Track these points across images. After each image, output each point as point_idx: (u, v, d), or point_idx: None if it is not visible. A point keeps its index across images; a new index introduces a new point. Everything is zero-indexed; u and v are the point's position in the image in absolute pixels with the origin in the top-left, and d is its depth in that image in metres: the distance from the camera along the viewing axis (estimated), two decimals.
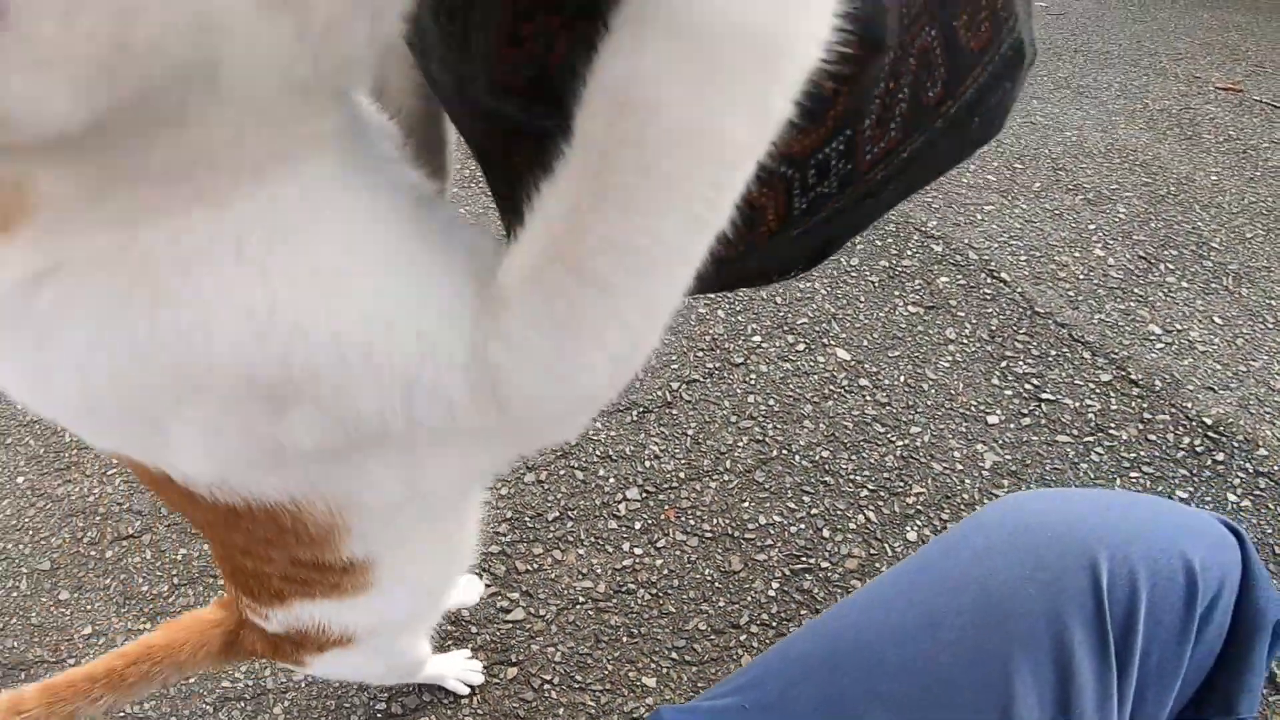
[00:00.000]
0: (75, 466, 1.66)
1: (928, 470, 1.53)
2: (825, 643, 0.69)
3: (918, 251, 2.00)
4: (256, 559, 0.65)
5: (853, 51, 0.34)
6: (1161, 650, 0.64)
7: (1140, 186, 2.18)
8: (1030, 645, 0.62)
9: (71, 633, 1.39)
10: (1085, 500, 0.72)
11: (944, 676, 0.63)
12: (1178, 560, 0.65)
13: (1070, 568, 0.64)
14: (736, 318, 1.86)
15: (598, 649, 1.32)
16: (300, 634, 0.78)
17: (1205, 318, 1.81)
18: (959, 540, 0.72)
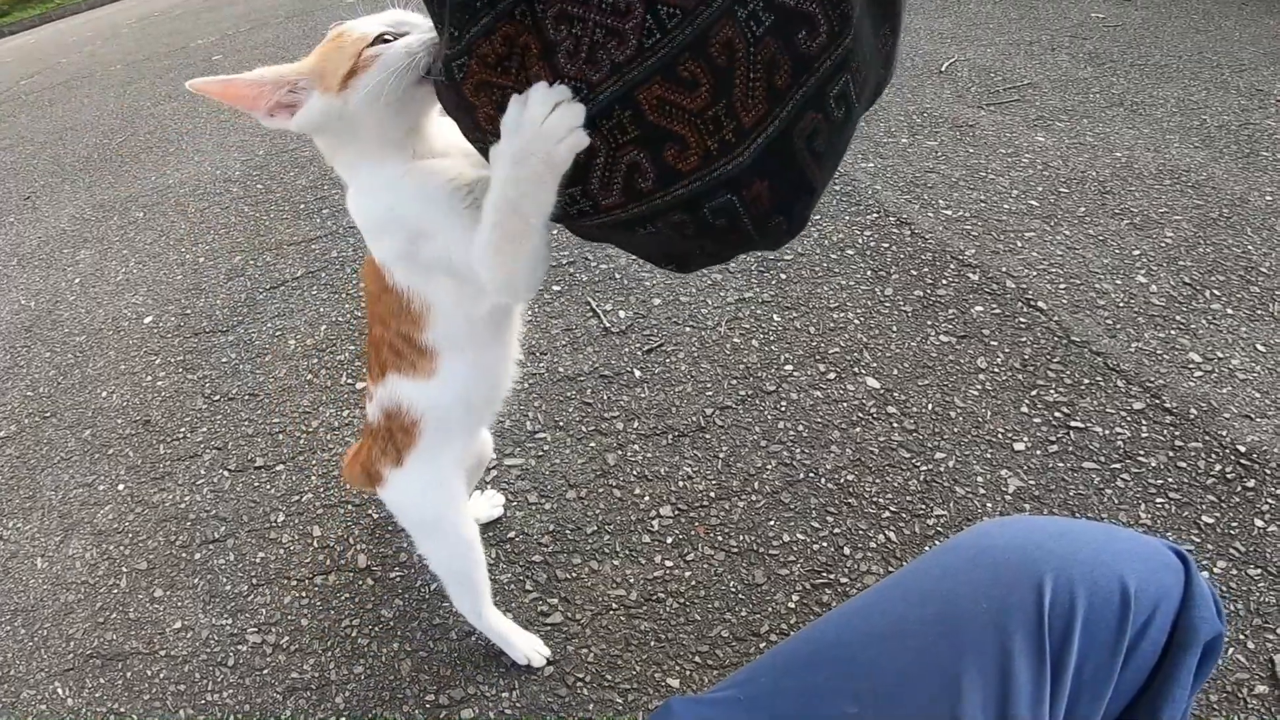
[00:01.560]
0: (169, 476, 1.79)
1: (950, 494, 1.54)
2: (811, 645, 0.78)
3: (954, 280, 1.99)
4: (384, 325, 1.01)
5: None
6: (1095, 661, 0.71)
7: (1191, 209, 2.11)
8: (978, 651, 0.69)
9: (164, 627, 1.50)
10: (1045, 527, 0.79)
11: (905, 676, 0.71)
12: (1115, 583, 0.71)
13: (1019, 586, 0.71)
14: (770, 347, 1.89)
15: (628, 651, 1.37)
16: (388, 417, 1.10)
17: (1248, 345, 1.74)
18: (931, 560, 0.80)
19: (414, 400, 1.06)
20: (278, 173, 2.81)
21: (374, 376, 1.10)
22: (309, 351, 2.05)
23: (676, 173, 0.67)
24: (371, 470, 1.17)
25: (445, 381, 1.03)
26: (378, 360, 1.07)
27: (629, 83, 0.64)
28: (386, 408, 1.09)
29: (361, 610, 1.48)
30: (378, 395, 1.09)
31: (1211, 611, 0.74)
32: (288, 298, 2.24)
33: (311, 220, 2.53)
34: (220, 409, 1.94)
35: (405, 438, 1.10)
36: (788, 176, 0.69)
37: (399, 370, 1.04)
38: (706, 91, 0.64)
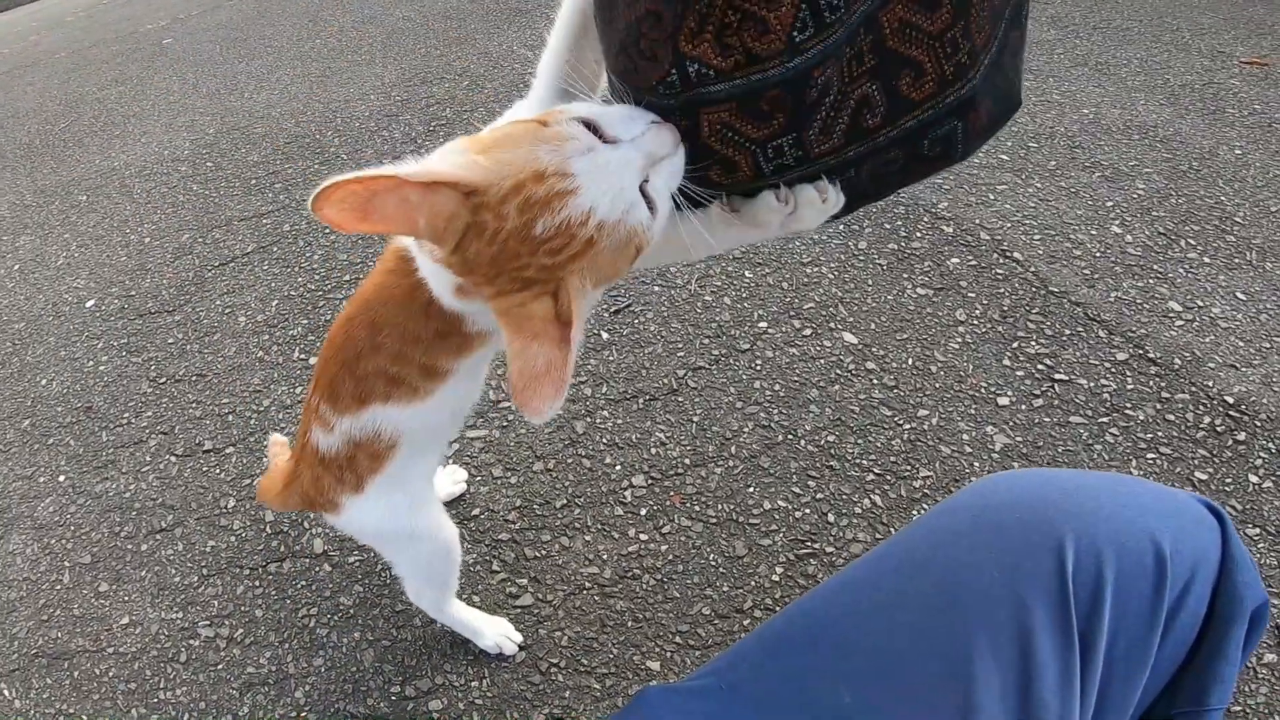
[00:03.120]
0: (113, 464, 1.65)
1: (935, 454, 1.42)
2: (796, 624, 0.66)
3: (928, 233, 1.89)
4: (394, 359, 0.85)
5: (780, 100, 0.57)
6: (1128, 637, 0.59)
7: (1160, 162, 2.03)
8: (991, 627, 0.58)
9: (111, 623, 1.38)
10: (1054, 480, 0.66)
11: (904, 657, 0.59)
12: (1146, 543, 0.59)
13: (1034, 550, 0.59)
14: (743, 304, 1.77)
15: (603, 634, 1.25)
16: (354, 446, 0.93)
17: (1228, 293, 1.67)
18: (927, 525, 0.68)
19: (399, 424, 0.93)
20: (228, 150, 2.63)
21: (340, 407, 0.93)
22: (259, 328, 1.90)
23: (909, 103, 0.61)
24: (319, 499, 1.02)
25: (443, 399, 0.92)
26: (355, 392, 0.91)
27: (876, 2, 0.57)
28: (356, 438, 0.94)
29: (319, 599, 1.35)
30: (342, 427, 0.93)
31: (1255, 574, 0.62)
32: (238, 274, 2.08)
33: (263, 195, 2.36)
34: (166, 392, 1.78)
35: (372, 464, 0.96)
36: (1002, 95, 0.66)
37: (389, 399, 0.90)
38: (947, 12, 0.59)
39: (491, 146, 0.61)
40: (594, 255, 0.61)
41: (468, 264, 0.63)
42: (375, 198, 0.58)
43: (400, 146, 2.46)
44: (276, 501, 1.09)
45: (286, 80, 3.06)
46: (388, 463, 0.96)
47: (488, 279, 0.63)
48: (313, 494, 1.02)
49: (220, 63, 3.36)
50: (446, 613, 1.21)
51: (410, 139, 2.50)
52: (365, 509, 1.00)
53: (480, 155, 0.61)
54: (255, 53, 3.41)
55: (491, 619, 1.26)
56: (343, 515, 1.02)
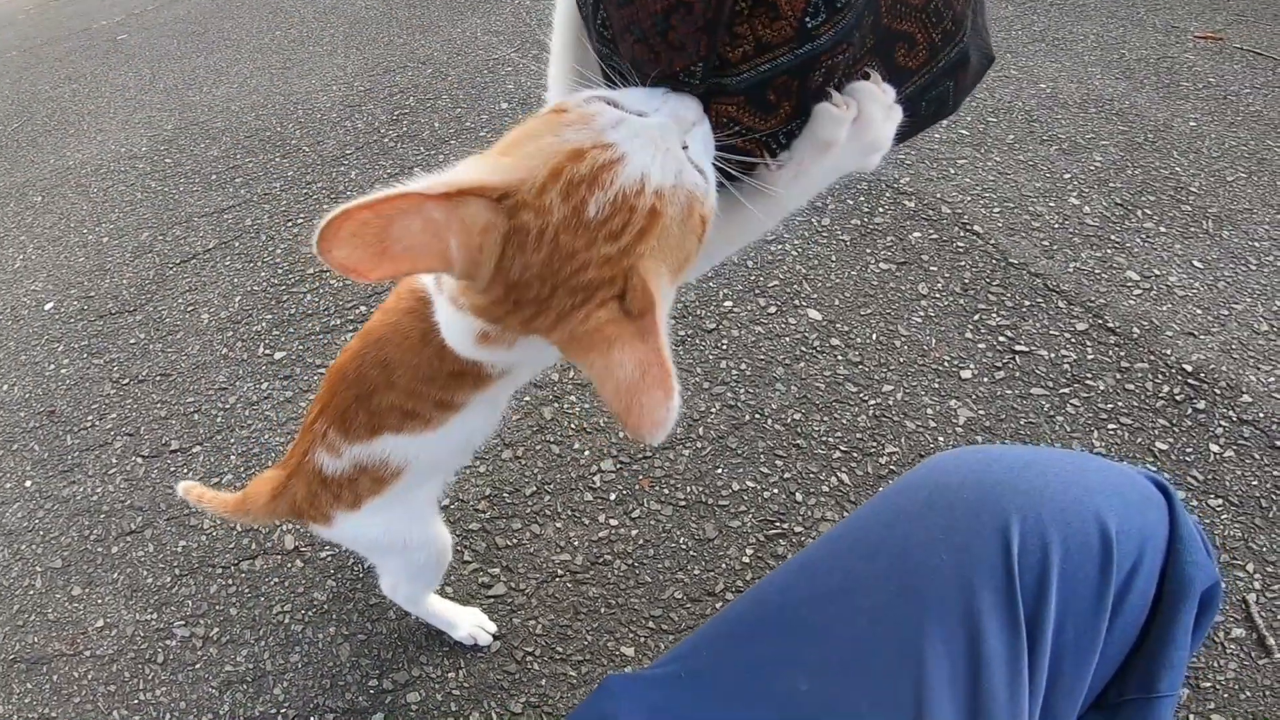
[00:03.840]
0: (79, 468, 1.61)
1: (901, 429, 1.42)
2: (755, 609, 0.65)
3: (890, 208, 1.88)
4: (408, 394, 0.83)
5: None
6: (1076, 622, 0.58)
7: (1117, 135, 2.03)
8: (942, 613, 0.56)
9: (86, 626, 1.35)
10: (1003, 458, 0.64)
11: (860, 643, 0.58)
12: (1092, 524, 0.58)
13: (981, 532, 0.58)
14: (708, 283, 1.75)
15: (577, 620, 1.24)
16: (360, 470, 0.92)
17: (1184, 262, 1.67)
18: (881, 504, 0.66)
19: (409, 452, 0.91)
20: (186, 146, 2.56)
21: (352, 435, 0.90)
22: (223, 324, 1.85)
23: (907, 72, 0.63)
24: (310, 512, 1.01)
25: (455, 429, 0.88)
26: (369, 423, 0.89)
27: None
28: (364, 464, 0.92)
29: (293, 595, 1.33)
30: (351, 453, 0.92)
31: (1204, 554, 0.61)
32: (199, 271, 2.03)
33: (224, 190, 2.30)
34: (130, 393, 1.74)
35: (374, 486, 0.95)
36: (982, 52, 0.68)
37: (401, 431, 0.88)
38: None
39: (512, 146, 0.55)
40: (662, 231, 0.53)
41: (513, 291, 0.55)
42: (393, 224, 0.49)
43: (364, 137, 2.41)
44: (262, 511, 1.06)
45: (246, 73, 2.98)
46: (390, 486, 0.94)
47: (540, 305, 0.54)
48: (304, 507, 1.00)
49: (177, 57, 3.28)
50: (422, 607, 1.20)
51: (374, 129, 2.45)
52: (359, 523, 0.99)
53: (503, 157, 0.54)
54: (214, 46, 3.33)
55: (465, 610, 1.24)
56: (334, 528, 1.01)
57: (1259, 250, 1.69)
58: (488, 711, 1.16)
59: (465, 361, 0.76)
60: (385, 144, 2.37)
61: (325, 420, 0.93)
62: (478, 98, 2.50)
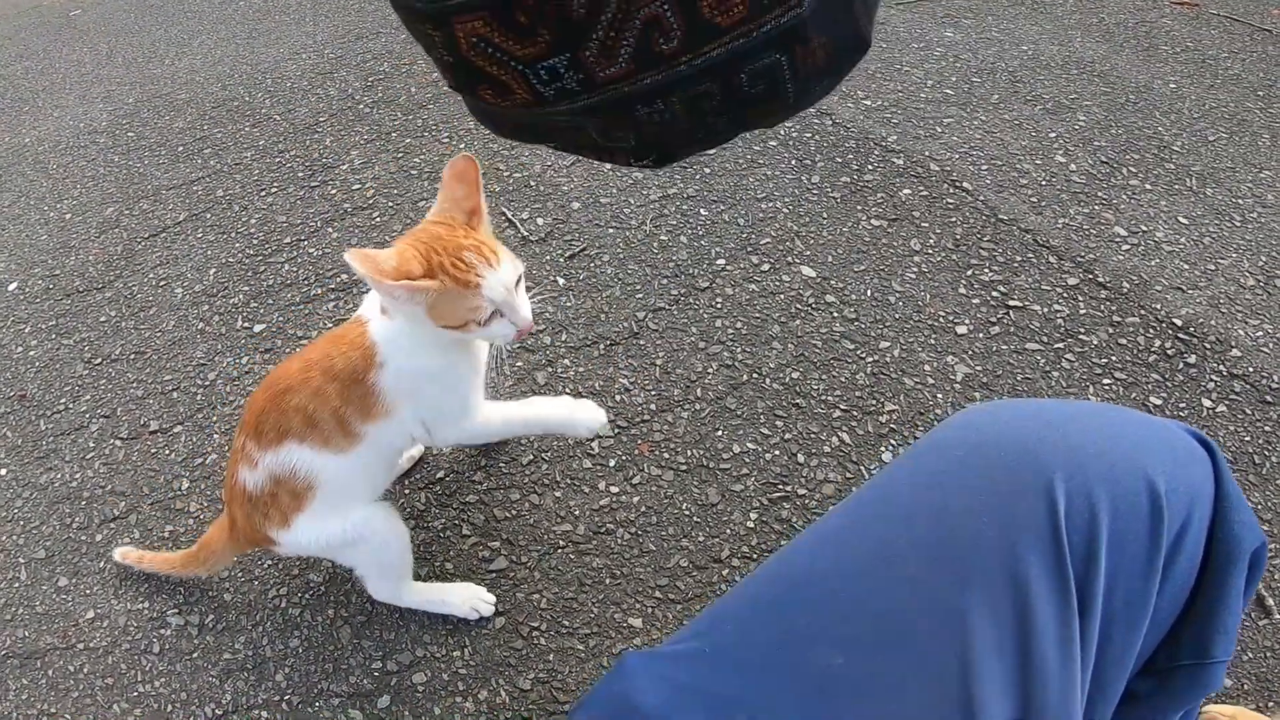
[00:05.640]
0: (55, 454, 1.54)
1: (899, 386, 1.40)
2: (781, 581, 0.61)
3: (879, 166, 1.86)
4: (318, 399, 1.01)
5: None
6: (1126, 587, 0.55)
7: (1099, 95, 2.04)
8: (986, 582, 0.53)
9: (76, 618, 1.29)
10: (1043, 414, 0.61)
11: (898, 615, 0.55)
12: (1140, 482, 0.55)
13: (1024, 493, 0.55)
14: (700, 242, 1.72)
15: (582, 593, 1.21)
16: (279, 481, 1.04)
17: (1170, 218, 1.68)
18: (912, 464, 0.62)
19: (314, 468, 1.04)
20: (150, 118, 2.46)
21: (261, 440, 1.04)
22: (198, 298, 1.79)
23: (714, 28, 0.49)
24: (257, 537, 1.11)
25: (355, 459, 1.05)
26: (276, 425, 1.03)
27: None
28: (276, 474, 1.04)
29: (288, 577, 1.29)
30: (264, 462, 1.04)
31: (1250, 513, 0.58)
32: (170, 244, 1.95)
33: (192, 162, 2.22)
34: (103, 373, 1.67)
35: (294, 502, 1.05)
36: (846, 33, 0.54)
37: (303, 440, 1.02)
38: None
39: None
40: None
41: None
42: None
43: (337, 104, 2.33)
44: (230, 549, 1.17)
45: (210, 44, 2.88)
46: (310, 503, 1.05)
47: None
48: (251, 535, 1.10)
49: (136, 31, 3.15)
50: (407, 598, 1.19)
51: (348, 95, 2.38)
52: (299, 539, 1.08)
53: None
54: (173, 19, 3.20)
55: (457, 586, 1.22)
56: (283, 547, 1.10)
57: (1242, 207, 1.70)
58: (496, 689, 1.13)
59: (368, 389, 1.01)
60: (360, 110, 2.30)
61: (243, 433, 1.05)
62: None
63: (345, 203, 1.97)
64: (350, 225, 1.91)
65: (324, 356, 1.02)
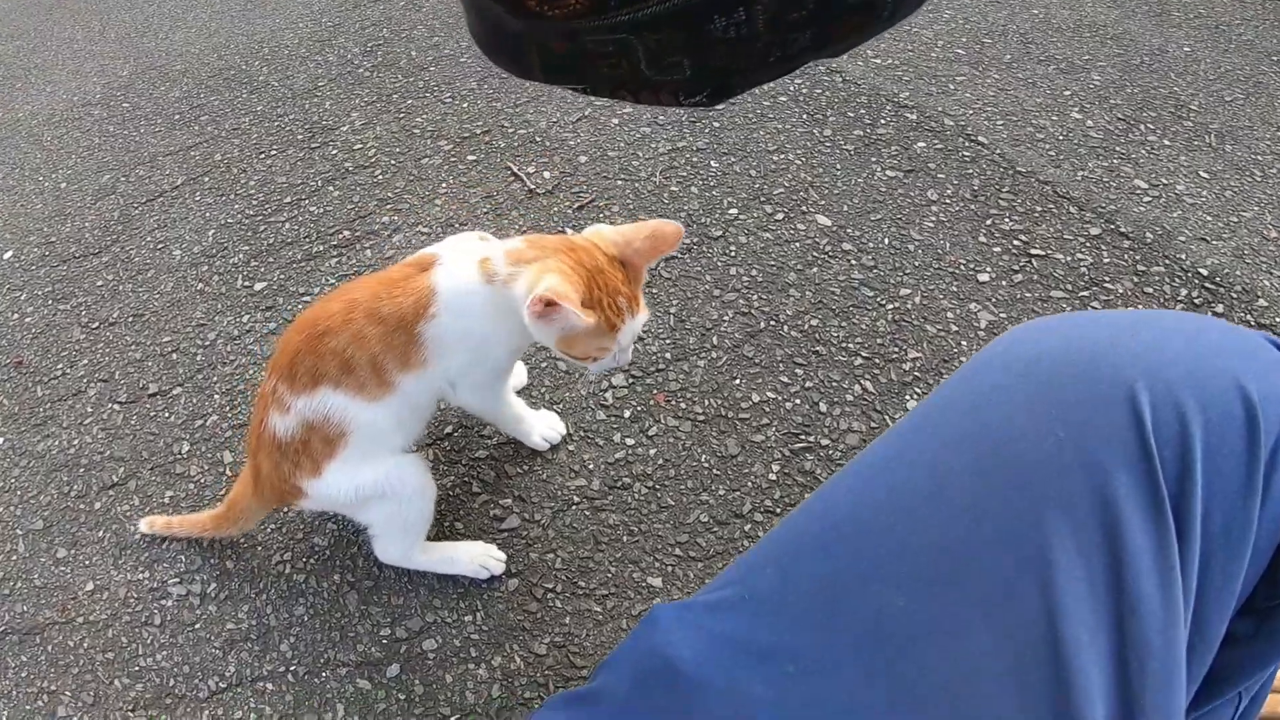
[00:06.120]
0: (52, 420, 1.49)
1: (922, 333, 1.36)
2: (822, 519, 0.54)
3: (892, 120, 1.82)
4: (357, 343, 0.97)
5: None
6: (1224, 508, 0.47)
7: (1113, 57, 1.99)
8: (1067, 504, 0.46)
9: (75, 590, 1.24)
10: (1103, 318, 0.54)
11: (964, 548, 0.47)
12: (1232, 390, 0.48)
13: (1102, 404, 0.47)
14: (711, 193, 1.68)
15: (598, 551, 1.16)
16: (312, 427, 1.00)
17: (1190, 172, 1.64)
18: (962, 384, 0.55)
19: (347, 414, 1.00)
20: (145, 89, 2.41)
21: (295, 384, 1.00)
22: (197, 259, 1.74)
23: None
24: (285, 488, 1.06)
25: (387, 409, 1.01)
26: (311, 369, 0.98)
27: None
28: (309, 419, 1.00)
29: (291, 542, 1.23)
30: (296, 406, 1.00)
31: None
32: (168, 208, 1.91)
33: (189, 129, 2.17)
34: (101, 336, 1.62)
35: (326, 448, 1.01)
36: None
37: (339, 385, 0.99)
38: None
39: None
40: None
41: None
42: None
43: (336, 69, 2.28)
44: (257, 505, 1.13)
45: (205, 17, 2.82)
46: (342, 450, 1.01)
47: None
48: (276, 484, 1.05)
49: (127, 7, 3.09)
50: (416, 560, 1.14)
51: (347, 61, 2.32)
52: (328, 489, 1.03)
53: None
54: None
55: (465, 544, 1.17)
56: (310, 499, 1.06)
57: (1263, 163, 1.67)
58: (510, 655, 1.08)
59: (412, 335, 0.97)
60: (360, 74, 2.25)
61: (275, 376, 1.01)
62: (455, 25, 2.38)
63: (347, 161, 1.93)
64: (352, 183, 1.86)
65: (371, 298, 0.97)
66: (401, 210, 1.77)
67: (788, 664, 0.48)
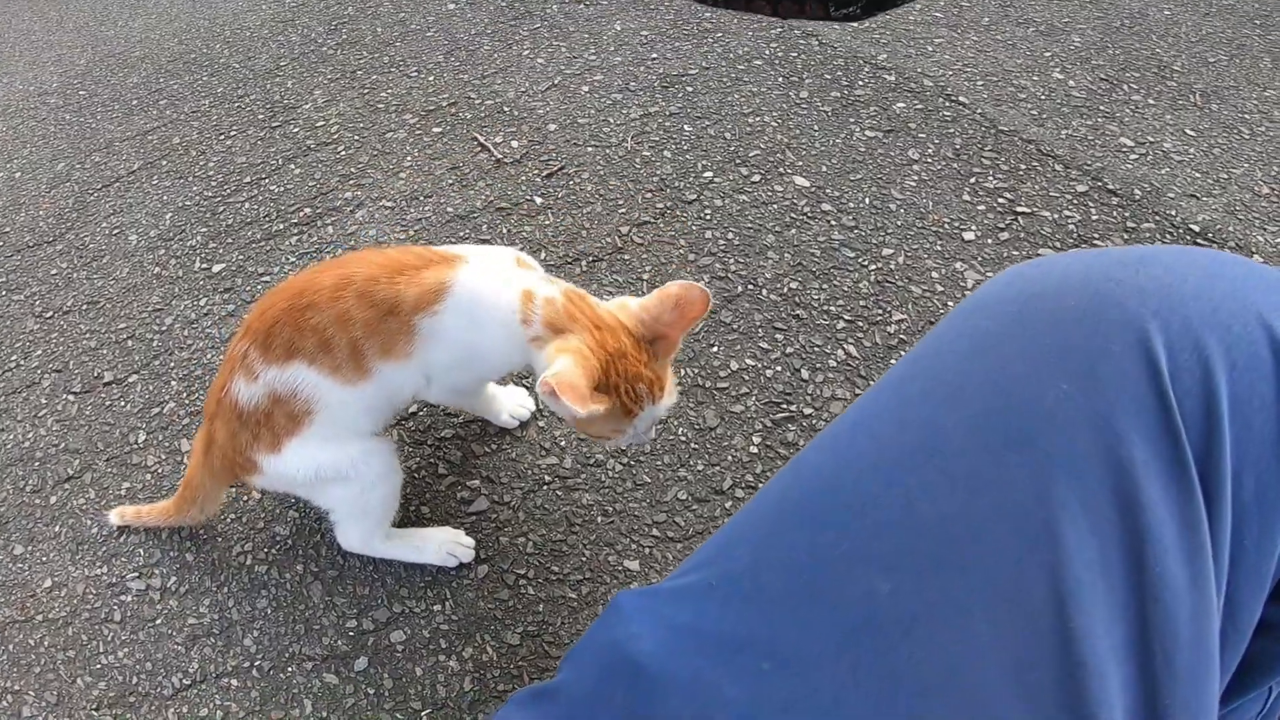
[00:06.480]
0: (5, 413, 1.43)
1: (906, 294, 1.30)
2: (801, 488, 0.46)
3: (870, 82, 1.76)
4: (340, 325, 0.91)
5: None
6: (1258, 469, 0.40)
7: (1093, 20, 1.96)
8: (1075, 471, 0.39)
9: (34, 588, 1.18)
10: (1112, 254, 0.46)
11: (958, 523, 0.40)
12: (1256, 328, 0.40)
13: (1110, 347, 0.40)
14: (685, 156, 1.62)
15: (571, 534, 1.10)
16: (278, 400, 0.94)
17: (1177, 130, 1.61)
18: (953, 329, 0.47)
19: (317, 393, 0.94)
20: (103, 77, 2.33)
21: (268, 353, 0.94)
22: (153, 244, 1.67)
23: None
24: (237, 460, 1.00)
25: (360, 393, 0.96)
26: (288, 341, 0.93)
27: None
28: (277, 392, 0.94)
29: (252, 532, 1.17)
30: (265, 376, 0.94)
31: None
32: (124, 193, 1.83)
33: (147, 113, 2.09)
34: (55, 325, 1.55)
35: (289, 424, 0.95)
36: None
37: (314, 362, 0.93)
38: None
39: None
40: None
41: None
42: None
43: (299, 48, 2.21)
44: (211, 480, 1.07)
45: (166, 3, 2.74)
46: (305, 428, 0.95)
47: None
48: (229, 454, 0.99)
49: None
50: (381, 548, 1.08)
51: (310, 40, 2.25)
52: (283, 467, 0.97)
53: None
54: None
55: (432, 530, 1.11)
56: (264, 475, 0.99)
57: (1249, 121, 1.63)
58: (481, 645, 1.02)
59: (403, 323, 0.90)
60: (324, 52, 2.17)
61: (247, 339, 0.95)
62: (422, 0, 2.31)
63: (309, 139, 1.86)
64: (314, 161, 1.79)
65: (367, 279, 0.91)
66: (365, 185, 1.70)
67: (762, 660, 0.41)
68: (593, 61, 1.94)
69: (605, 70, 1.90)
